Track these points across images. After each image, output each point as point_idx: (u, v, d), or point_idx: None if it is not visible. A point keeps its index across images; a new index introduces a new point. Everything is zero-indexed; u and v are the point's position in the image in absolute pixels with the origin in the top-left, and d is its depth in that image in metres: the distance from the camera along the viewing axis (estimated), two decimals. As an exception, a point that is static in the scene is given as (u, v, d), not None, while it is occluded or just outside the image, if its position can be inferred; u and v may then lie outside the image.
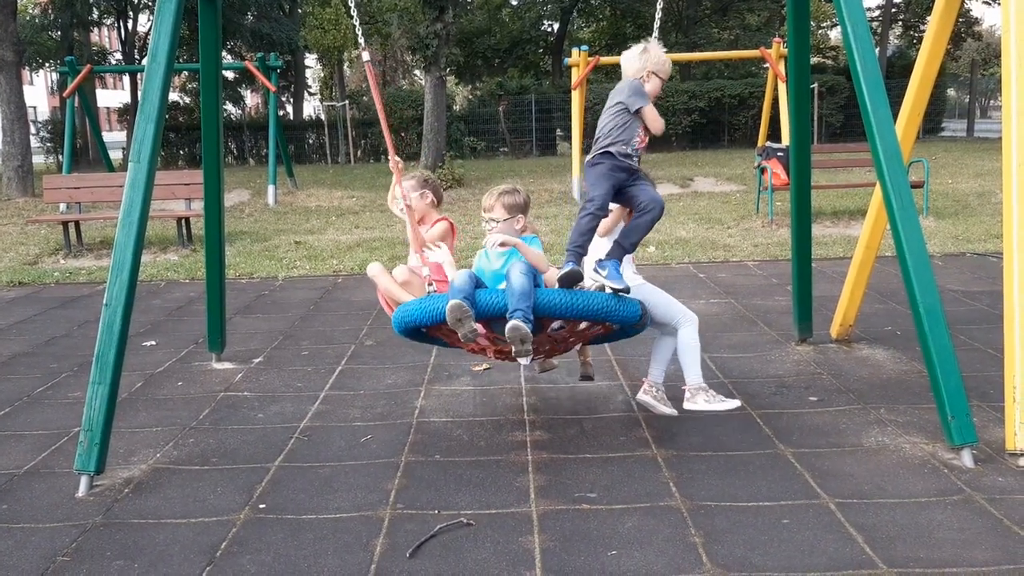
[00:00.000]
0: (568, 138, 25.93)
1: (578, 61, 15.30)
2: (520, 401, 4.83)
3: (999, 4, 4.10)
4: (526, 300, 3.63)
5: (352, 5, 4.75)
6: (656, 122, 4.00)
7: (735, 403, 4.33)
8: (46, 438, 4.50)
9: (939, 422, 3.91)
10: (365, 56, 4.62)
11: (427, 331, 4.07)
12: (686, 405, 4.34)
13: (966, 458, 3.79)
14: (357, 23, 4.76)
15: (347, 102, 27.17)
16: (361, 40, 4.77)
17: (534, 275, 3.77)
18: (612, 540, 3.24)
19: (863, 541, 3.17)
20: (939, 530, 3.24)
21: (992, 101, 49.26)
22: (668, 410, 4.39)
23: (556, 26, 36.01)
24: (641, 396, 4.50)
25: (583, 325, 4.02)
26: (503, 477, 3.83)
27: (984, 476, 3.68)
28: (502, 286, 3.81)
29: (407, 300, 4.08)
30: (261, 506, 3.62)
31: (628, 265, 4.28)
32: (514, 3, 35.73)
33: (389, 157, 4.40)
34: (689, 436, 4.25)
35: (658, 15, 4.66)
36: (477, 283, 3.84)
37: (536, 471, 3.88)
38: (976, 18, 37.09)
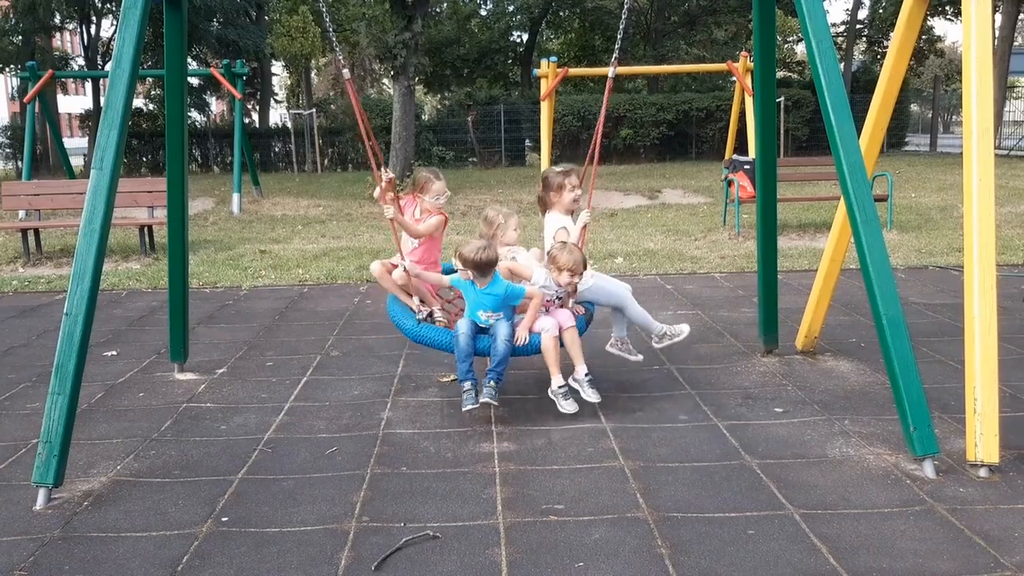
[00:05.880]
0: (537, 148, 26.05)
1: (547, 72, 15.35)
2: (487, 412, 4.80)
3: (961, 22, 4.18)
4: (503, 364, 4.60)
5: (329, 28, 4.77)
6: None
7: (687, 328, 5.31)
8: (3, 450, 4.40)
9: (902, 433, 3.96)
10: (346, 73, 4.86)
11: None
12: (656, 346, 5.37)
13: (928, 469, 3.84)
14: (336, 45, 4.79)
15: (314, 110, 27.05)
16: (341, 57, 4.87)
17: (512, 330, 4.65)
18: (579, 552, 3.23)
19: (827, 551, 3.19)
20: (902, 540, 3.27)
21: (954, 116, 50.13)
22: (635, 358, 5.32)
23: (525, 37, 36.14)
24: (609, 348, 5.38)
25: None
26: (470, 489, 3.81)
27: (946, 487, 3.72)
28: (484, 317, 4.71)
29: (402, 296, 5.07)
30: (224, 519, 3.56)
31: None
32: (483, 13, 35.80)
33: (374, 171, 4.94)
34: (656, 447, 4.26)
35: (621, 30, 4.75)
36: (477, 329, 4.69)
37: (503, 483, 3.87)
38: (939, 35, 37.83)
